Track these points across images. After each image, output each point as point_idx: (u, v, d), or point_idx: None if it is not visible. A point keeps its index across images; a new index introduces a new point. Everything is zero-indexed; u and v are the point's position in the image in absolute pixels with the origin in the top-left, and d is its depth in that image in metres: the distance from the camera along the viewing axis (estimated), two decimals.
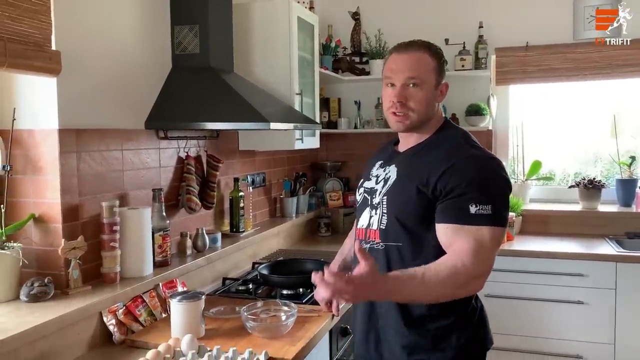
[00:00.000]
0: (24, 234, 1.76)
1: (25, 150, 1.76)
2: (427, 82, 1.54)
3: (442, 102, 1.62)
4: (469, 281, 1.40)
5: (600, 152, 3.77)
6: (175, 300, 1.73)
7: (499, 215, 1.44)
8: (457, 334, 1.53)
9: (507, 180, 1.52)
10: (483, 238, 1.41)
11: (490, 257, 1.43)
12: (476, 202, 1.42)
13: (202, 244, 2.38)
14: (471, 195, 1.43)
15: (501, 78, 3.59)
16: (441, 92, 1.59)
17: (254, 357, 1.55)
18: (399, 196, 1.55)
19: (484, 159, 1.52)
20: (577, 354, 2.99)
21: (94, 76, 1.89)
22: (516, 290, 3.06)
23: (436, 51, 1.59)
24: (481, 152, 1.54)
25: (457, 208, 1.44)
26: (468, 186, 1.44)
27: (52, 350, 1.54)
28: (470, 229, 1.42)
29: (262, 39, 2.72)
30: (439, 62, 1.57)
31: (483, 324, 1.62)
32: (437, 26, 3.68)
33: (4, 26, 1.53)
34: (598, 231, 3.38)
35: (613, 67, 3.35)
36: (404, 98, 1.54)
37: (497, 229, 1.43)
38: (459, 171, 1.46)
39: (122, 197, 2.02)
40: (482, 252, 1.41)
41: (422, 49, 1.57)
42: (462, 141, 1.56)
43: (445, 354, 1.52)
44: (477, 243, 1.41)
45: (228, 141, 2.76)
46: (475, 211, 1.42)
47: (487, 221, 1.42)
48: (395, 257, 1.53)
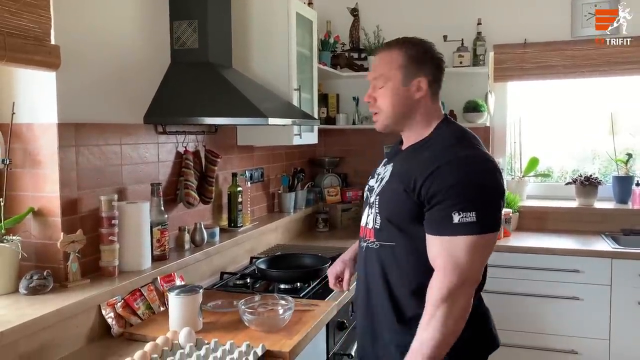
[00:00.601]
0: (23, 227, 1.77)
1: (25, 144, 1.76)
2: (392, 79, 1.51)
3: (422, 97, 1.52)
4: (453, 301, 1.36)
5: (598, 150, 3.78)
6: (173, 294, 1.74)
7: (486, 221, 1.38)
8: None
9: (496, 183, 1.44)
10: (457, 249, 1.37)
11: (467, 266, 1.37)
12: (459, 209, 1.36)
13: (200, 239, 2.39)
14: (453, 202, 1.37)
15: (499, 75, 3.59)
16: (418, 88, 1.51)
17: (251, 350, 1.56)
18: (388, 197, 1.53)
19: (470, 161, 1.43)
20: (572, 349, 3.01)
21: (93, 71, 1.90)
22: (512, 286, 3.08)
23: (410, 47, 1.53)
24: (470, 152, 1.46)
25: (441, 217, 1.39)
26: (450, 192, 1.38)
27: (51, 343, 1.56)
28: (447, 241, 1.38)
29: (261, 34, 2.73)
30: (412, 57, 1.51)
31: (483, 326, 1.59)
32: (436, 22, 3.69)
33: (3, 20, 1.53)
34: (594, 228, 3.40)
35: (611, 65, 3.36)
36: (373, 98, 1.55)
37: (483, 236, 1.38)
38: (441, 176, 1.40)
39: (121, 191, 2.03)
40: (455, 264, 1.37)
41: (393, 46, 1.54)
42: (454, 141, 1.49)
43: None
44: (450, 254, 1.38)
45: (226, 136, 2.77)
46: (458, 220, 1.36)
47: (470, 230, 1.36)
48: (389, 257, 1.52)
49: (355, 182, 3.93)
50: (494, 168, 1.46)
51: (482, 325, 1.58)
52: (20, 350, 1.46)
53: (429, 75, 1.52)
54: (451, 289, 1.36)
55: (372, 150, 3.76)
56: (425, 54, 1.54)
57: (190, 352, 1.55)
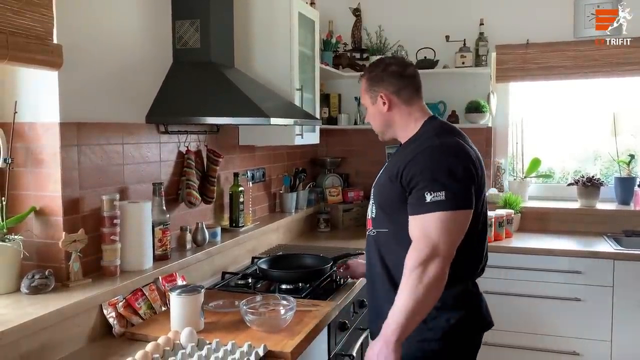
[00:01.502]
0: (25, 227, 1.77)
1: (27, 143, 1.76)
2: (366, 103, 1.80)
3: (392, 107, 1.73)
4: (423, 273, 1.51)
5: (600, 151, 3.78)
6: (174, 294, 1.74)
7: (455, 198, 1.54)
8: (447, 314, 1.62)
9: (464, 167, 1.59)
10: (429, 224, 1.53)
11: (437, 239, 1.52)
12: (430, 189, 1.54)
13: (201, 238, 2.39)
14: (425, 184, 1.55)
15: (501, 75, 3.59)
16: (384, 102, 1.73)
17: (252, 351, 1.56)
18: (379, 187, 1.75)
19: (442, 149, 1.61)
20: (573, 351, 3.00)
21: (95, 70, 1.90)
22: (514, 287, 3.07)
23: (367, 72, 1.79)
24: (444, 141, 1.63)
25: (416, 199, 1.57)
26: (422, 175, 1.57)
27: (52, 342, 1.55)
28: (420, 218, 1.56)
29: (263, 34, 2.73)
30: (369, 80, 1.76)
31: (476, 307, 1.72)
32: (438, 23, 3.69)
33: (6, 19, 1.53)
34: (596, 229, 3.39)
35: (613, 66, 3.35)
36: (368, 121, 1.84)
37: (452, 212, 1.53)
38: (417, 162, 1.60)
39: (123, 190, 2.03)
40: (427, 238, 1.53)
41: (361, 76, 1.81)
42: (433, 133, 1.67)
43: (434, 333, 1.62)
44: (422, 230, 1.54)
45: (228, 136, 2.76)
46: (430, 199, 1.54)
47: (441, 206, 1.53)
48: (383, 242, 1.71)
49: (357, 183, 3.92)
50: (465, 155, 1.63)
51: (474, 306, 1.72)
52: (21, 350, 1.46)
53: (388, 88, 1.73)
54: (422, 259, 1.52)
55: (374, 150, 3.76)
56: (382, 71, 1.75)
57: (192, 352, 1.55)
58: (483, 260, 1.76)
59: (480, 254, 1.74)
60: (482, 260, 1.76)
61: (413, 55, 3.66)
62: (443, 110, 3.67)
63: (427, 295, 1.51)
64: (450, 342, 1.64)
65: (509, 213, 3.33)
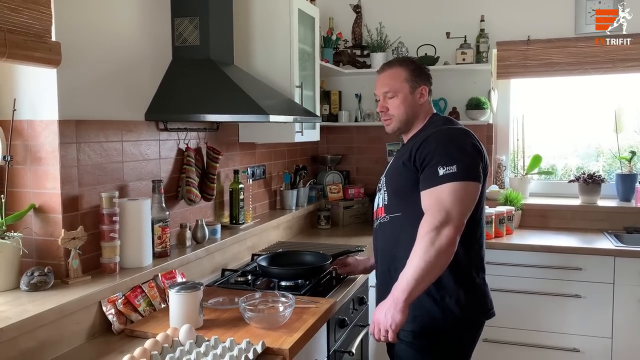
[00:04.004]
0: (24, 224, 1.77)
1: (26, 140, 1.77)
2: (402, 91, 1.89)
3: (424, 102, 1.91)
4: (436, 235, 1.62)
5: (602, 147, 3.76)
6: (173, 291, 1.74)
7: (466, 171, 1.68)
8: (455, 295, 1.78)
9: (473, 145, 1.76)
10: (442, 194, 1.66)
11: (450, 207, 1.64)
12: (443, 164, 1.69)
13: (201, 236, 2.39)
14: (438, 159, 1.70)
15: (502, 72, 3.58)
16: (421, 94, 1.90)
17: (251, 348, 1.56)
18: (391, 174, 1.90)
19: (451, 131, 1.81)
20: (574, 348, 3.00)
21: (94, 67, 1.90)
22: (514, 284, 3.07)
23: (409, 63, 1.92)
24: (452, 126, 1.84)
25: (430, 174, 1.70)
26: (435, 152, 1.72)
27: (51, 339, 1.56)
28: (434, 190, 1.68)
29: (263, 31, 2.72)
30: (413, 71, 1.89)
31: (481, 294, 1.86)
32: (439, 19, 3.68)
33: (4, 17, 1.53)
34: (597, 226, 3.39)
35: (615, 62, 3.34)
36: (385, 108, 1.92)
37: (464, 183, 1.67)
38: (429, 142, 1.76)
39: (122, 188, 2.03)
40: (441, 205, 1.65)
41: (395, 65, 1.93)
42: (441, 123, 1.88)
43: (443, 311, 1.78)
44: (436, 199, 1.67)
45: (228, 133, 2.76)
46: (443, 172, 1.68)
47: (453, 178, 1.67)
48: (398, 225, 1.83)
49: (358, 180, 3.92)
50: (472, 137, 1.81)
51: (480, 293, 1.85)
52: (21, 347, 1.46)
53: (427, 84, 1.93)
54: (435, 225, 1.63)
55: (375, 147, 3.76)
56: (420, 68, 1.93)
57: (190, 349, 1.55)
58: (482, 249, 1.89)
59: (481, 245, 1.89)
60: (483, 251, 1.90)
61: (414, 52, 3.66)
62: (444, 107, 3.66)
63: (438, 258, 1.61)
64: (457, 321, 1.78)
65: (510, 210, 3.32)
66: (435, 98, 3.65)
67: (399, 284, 1.65)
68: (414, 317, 1.74)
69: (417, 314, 1.75)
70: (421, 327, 1.79)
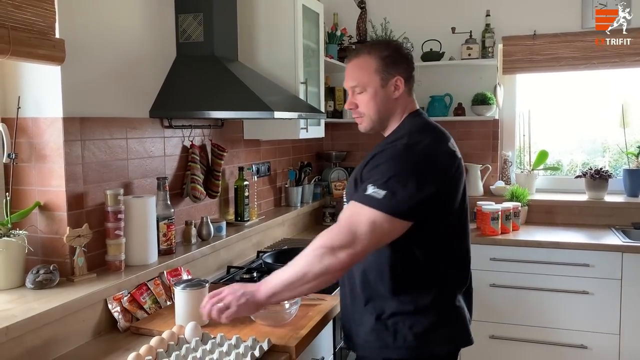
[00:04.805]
0: (30, 222, 1.77)
1: (30, 138, 1.76)
2: (371, 85, 1.60)
3: (400, 95, 1.61)
4: (330, 254, 1.43)
5: (608, 142, 3.74)
6: (179, 288, 1.74)
7: (392, 204, 1.43)
8: (418, 320, 1.55)
9: (425, 177, 1.46)
10: (360, 216, 1.44)
11: (361, 235, 1.43)
12: (374, 183, 1.45)
13: (206, 233, 2.39)
14: (373, 178, 1.47)
15: (508, 67, 3.56)
16: (395, 87, 1.60)
17: (257, 345, 1.56)
18: (348, 191, 1.65)
19: (407, 150, 1.50)
20: (581, 344, 2.98)
21: (98, 64, 1.89)
22: (521, 280, 3.05)
23: (381, 49, 1.60)
24: (413, 142, 1.51)
25: (361, 188, 1.49)
26: (375, 170, 1.49)
27: (57, 337, 1.56)
28: (355, 205, 1.47)
29: (267, 27, 2.71)
30: (384, 60, 1.59)
31: (461, 322, 1.61)
32: (444, 14, 3.66)
33: (7, 14, 1.52)
34: (604, 221, 3.36)
35: (622, 56, 3.31)
36: (354, 105, 1.66)
37: (386, 216, 1.42)
38: (378, 158, 1.52)
39: (127, 185, 2.03)
40: (352, 227, 1.44)
41: (363, 53, 1.62)
42: (406, 131, 1.57)
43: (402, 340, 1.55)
44: (352, 218, 1.45)
45: (233, 130, 2.76)
46: (370, 192, 1.44)
47: (372, 203, 1.43)
48: None
49: None
50: (432, 160, 1.50)
51: (459, 320, 1.61)
52: (27, 345, 1.46)
53: (403, 73, 1.61)
54: (335, 244, 1.44)
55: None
56: (396, 53, 1.61)
57: (196, 347, 1.55)
58: (470, 275, 1.68)
59: (469, 273, 1.67)
60: (469, 275, 1.67)
61: (419, 48, 3.63)
62: (449, 102, 3.64)
63: (318, 277, 1.45)
64: (418, 351, 1.55)
65: (516, 206, 3.30)
66: (440, 94, 3.64)
67: (270, 280, 1.52)
68: (365, 342, 1.61)
69: (368, 339, 1.60)
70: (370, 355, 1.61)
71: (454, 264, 1.62)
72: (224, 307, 1.54)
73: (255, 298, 1.53)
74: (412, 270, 1.56)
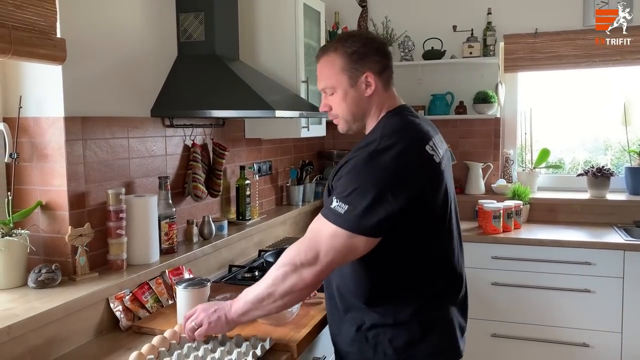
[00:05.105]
0: (31, 221, 1.77)
1: (32, 138, 1.76)
2: (340, 85, 1.49)
3: (374, 92, 1.49)
4: (294, 272, 1.40)
5: (610, 140, 3.73)
6: (181, 287, 1.74)
7: (352, 219, 1.33)
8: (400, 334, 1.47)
9: (392, 188, 1.34)
10: (323, 231, 1.37)
11: (324, 252, 1.36)
12: (338, 197, 1.36)
13: (208, 232, 2.39)
14: (338, 190, 1.38)
15: (510, 65, 3.55)
16: (366, 84, 1.48)
17: (259, 344, 1.56)
18: (324, 197, 1.55)
19: (372, 154, 1.36)
20: (583, 342, 2.98)
21: (99, 64, 1.89)
22: (523, 279, 3.05)
23: (347, 45, 1.47)
24: (384, 145, 1.37)
25: (328, 201, 1.41)
26: (340, 181, 1.40)
27: (59, 336, 1.56)
28: (319, 219, 1.40)
29: (268, 26, 2.71)
30: (351, 56, 1.46)
31: (450, 335, 1.52)
32: (445, 13, 3.65)
33: (8, 14, 1.52)
34: (606, 220, 3.36)
35: (624, 54, 3.30)
36: (328, 107, 1.55)
37: (347, 233, 1.34)
38: (345, 167, 1.41)
39: (129, 184, 2.03)
40: (315, 243, 1.38)
41: (329, 51, 1.50)
42: (379, 134, 1.42)
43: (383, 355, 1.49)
44: (315, 232, 1.39)
45: (234, 129, 2.76)
46: (334, 206, 1.36)
47: (335, 219, 1.35)
48: None
49: None
50: (397, 169, 1.35)
51: (446, 333, 1.52)
52: (29, 344, 1.46)
53: (374, 67, 1.48)
54: (299, 262, 1.39)
55: None
56: (364, 46, 1.48)
57: (198, 346, 1.55)
58: (464, 281, 1.59)
59: (460, 276, 1.57)
60: (462, 281, 1.58)
61: (420, 46, 3.63)
62: (451, 101, 3.64)
63: (283, 296, 1.42)
64: None
65: (518, 204, 3.30)
66: (442, 92, 3.63)
67: (241, 299, 1.49)
68: (347, 353, 1.57)
69: (349, 350, 1.55)
70: None
71: (440, 274, 1.52)
72: (195, 325, 1.52)
73: (228, 317, 1.50)
74: (389, 282, 1.47)
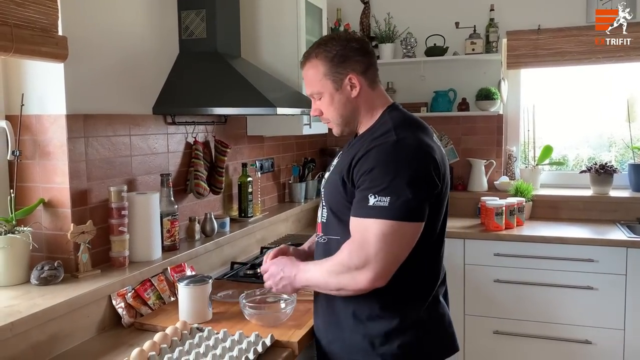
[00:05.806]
0: (34, 219, 1.78)
1: (34, 135, 1.77)
2: (325, 90, 1.51)
3: (360, 93, 1.50)
4: (346, 273, 1.39)
5: (614, 137, 3.72)
6: (183, 284, 1.74)
7: (403, 207, 1.33)
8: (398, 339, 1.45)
9: (422, 172, 1.37)
10: (368, 232, 1.35)
11: (373, 252, 1.35)
12: (375, 192, 1.35)
13: (210, 229, 2.39)
14: (371, 185, 1.36)
15: (512, 62, 3.54)
16: (352, 86, 1.49)
17: (260, 341, 1.56)
18: (330, 187, 1.54)
19: (398, 146, 1.38)
20: (586, 339, 2.98)
21: (101, 61, 1.90)
22: (526, 276, 3.05)
23: (328, 49, 1.48)
24: (402, 137, 1.40)
25: (360, 200, 1.39)
26: (369, 174, 1.37)
27: (62, 333, 1.57)
28: (361, 222, 1.38)
29: (270, 23, 2.71)
30: (332, 60, 1.48)
31: (444, 329, 1.54)
32: (447, 9, 3.64)
33: (10, 12, 1.53)
34: (609, 217, 3.35)
35: (627, 50, 3.29)
36: (319, 111, 1.57)
37: (396, 223, 1.33)
38: (368, 159, 1.39)
39: (131, 182, 2.03)
40: (362, 245, 1.36)
41: (311, 56, 1.52)
42: (390, 126, 1.44)
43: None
44: (360, 235, 1.37)
45: (236, 126, 2.76)
46: (373, 203, 1.34)
47: (383, 214, 1.33)
48: (335, 250, 1.46)
49: None
50: (425, 156, 1.40)
51: (441, 328, 1.54)
52: (31, 340, 1.47)
53: (357, 68, 1.49)
54: (351, 266, 1.38)
55: None
56: (344, 48, 1.48)
57: (199, 342, 1.56)
58: (439, 277, 1.56)
59: (435, 272, 1.55)
60: (437, 278, 1.55)
61: (422, 43, 3.62)
62: (453, 97, 3.63)
63: (335, 289, 1.44)
64: None
65: (520, 201, 3.29)
66: (444, 89, 3.62)
67: (305, 272, 1.50)
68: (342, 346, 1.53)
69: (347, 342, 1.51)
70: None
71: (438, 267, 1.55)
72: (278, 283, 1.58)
73: (293, 285, 1.55)
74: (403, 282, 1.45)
